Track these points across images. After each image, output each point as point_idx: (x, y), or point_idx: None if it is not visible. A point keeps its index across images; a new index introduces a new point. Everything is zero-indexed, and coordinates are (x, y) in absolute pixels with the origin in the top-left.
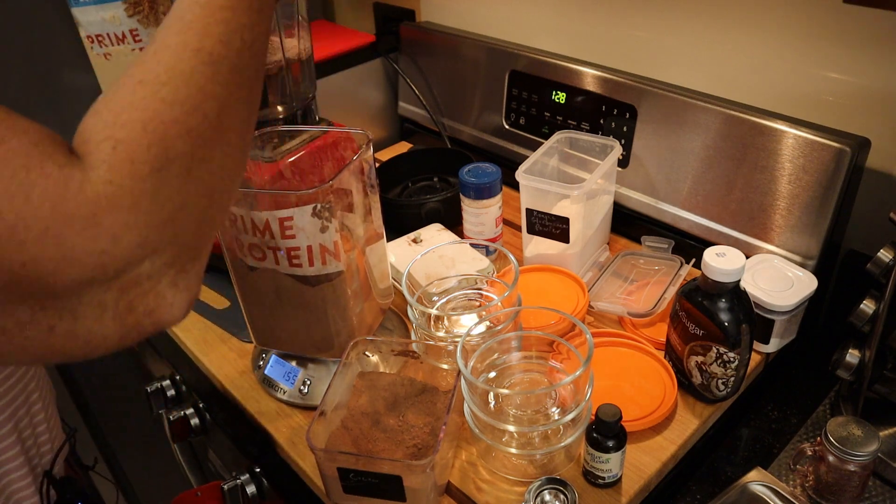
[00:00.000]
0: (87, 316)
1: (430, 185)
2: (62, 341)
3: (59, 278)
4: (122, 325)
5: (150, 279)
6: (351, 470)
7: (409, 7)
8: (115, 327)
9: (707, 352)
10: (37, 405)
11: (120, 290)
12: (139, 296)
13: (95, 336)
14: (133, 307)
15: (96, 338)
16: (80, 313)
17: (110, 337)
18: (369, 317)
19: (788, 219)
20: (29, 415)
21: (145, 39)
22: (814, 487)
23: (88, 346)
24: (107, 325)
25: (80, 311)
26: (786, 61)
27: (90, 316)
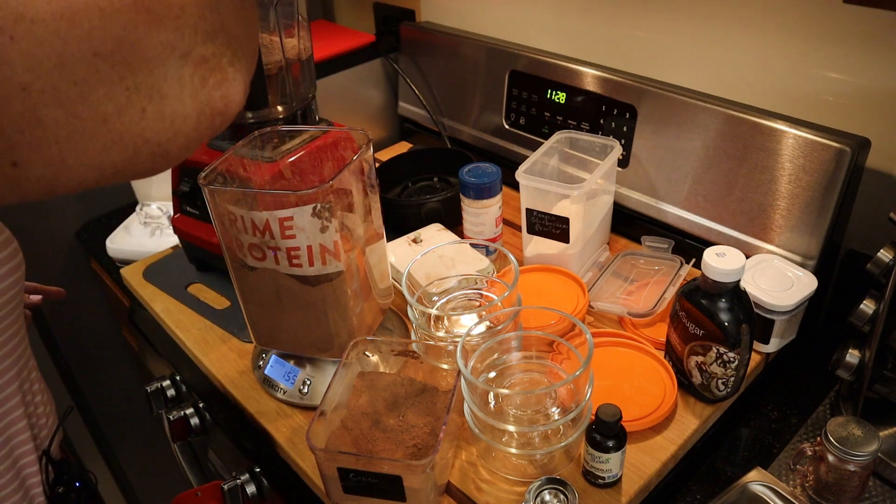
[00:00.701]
0: (170, 94)
1: (430, 185)
2: (152, 123)
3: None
4: (197, 102)
5: (214, 56)
6: (351, 470)
7: (409, 7)
8: (192, 104)
9: (707, 352)
10: (36, 384)
11: (194, 64)
12: (208, 69)
13: (178, 116)
14: (204, 80)
15: (178, 118)
16: (165, 91)
17: (189, 116)
18: (369, 317)
19: (788, 219)
20: (31, 389)
21: None
22: (814, 487)
23: (173, 126)
24: (186, 103)
25: (164, 89)
26: (786, 61)
27: (172, 94)
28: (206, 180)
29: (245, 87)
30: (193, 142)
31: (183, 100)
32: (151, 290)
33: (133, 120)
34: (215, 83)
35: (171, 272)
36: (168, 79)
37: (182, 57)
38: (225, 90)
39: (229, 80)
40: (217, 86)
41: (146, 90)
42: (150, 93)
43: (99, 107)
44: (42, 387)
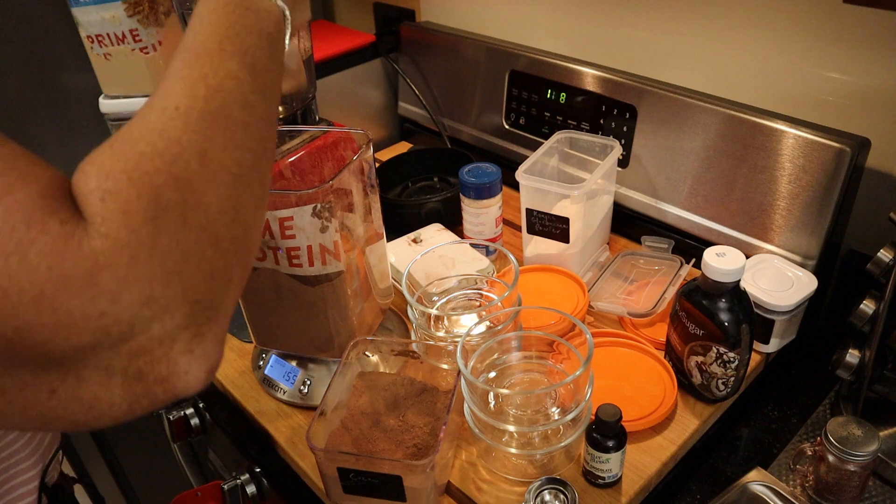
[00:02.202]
0: (92, 380)
1: (430, 185)
2: (65, 405)
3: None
4: (130, 392)
5: (161, 344)
6: (351, 470)
7: (409, 7)
8: (123, 394)
9: (707, 352)
10: None
11: (129, 356)
12: (149, 363)
13: (101, 402)
14: (143, 374)
15: (102, 404)
16: (85, 377)
17: (117, 405)
18: (369, 317)
19: (788, 219)
20: None
21: (145, 39)
22: (814, 487)
23: (93, 411)
24: (114, 392)
25: (84, 374)
26: (786, 61)
27: (95, 381)
28: None
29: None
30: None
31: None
32: None
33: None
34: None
35: None
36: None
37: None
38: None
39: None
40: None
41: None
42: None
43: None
44: None
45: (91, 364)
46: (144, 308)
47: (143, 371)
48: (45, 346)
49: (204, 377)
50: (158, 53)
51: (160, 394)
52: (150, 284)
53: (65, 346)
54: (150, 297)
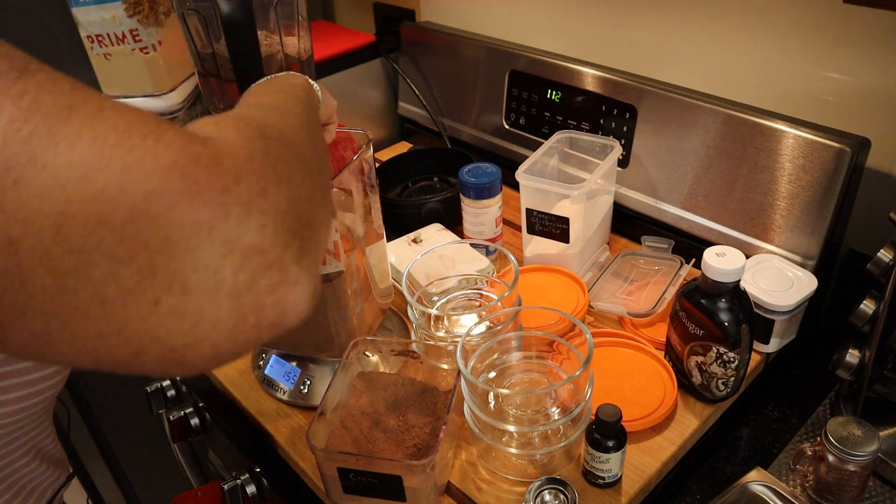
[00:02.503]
0: (200, 289)
1: (430, 185)
2: (166, 321)
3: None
4: (238, 306)
5: (274, 247)
6: (351, 470)
7: (409, 7)
8: (230, 308)
9: (707, 352)
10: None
11: (242, 256)
12: (262, 267)
13: (206, 318)
14: (254, 281)
15: (206, 321)
16: (192, 284)
17: (223, 322)
18: (369, 317)
19: (788, 219)
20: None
21: (145, 39)
22: (814, 487)
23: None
24: (220, 305)
25: (192, 281)
26: (786, 61)
27: (203, 289)
28: None
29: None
30: (225, 354)
31: (217, 300)
32: None
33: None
34: (269, 285)
35: None
36: (199, 269)
37: (224, 244)
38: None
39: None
40: (272, 289)
41: (164, 277)
42: (169, 282)
43: (98, 286)
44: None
45: (201, 264)
46: (260, 198)
47: (255, 276)
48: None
49: (311, 296)
50: (158, 53)
51: (269, 308)
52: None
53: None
54: (265, 190)
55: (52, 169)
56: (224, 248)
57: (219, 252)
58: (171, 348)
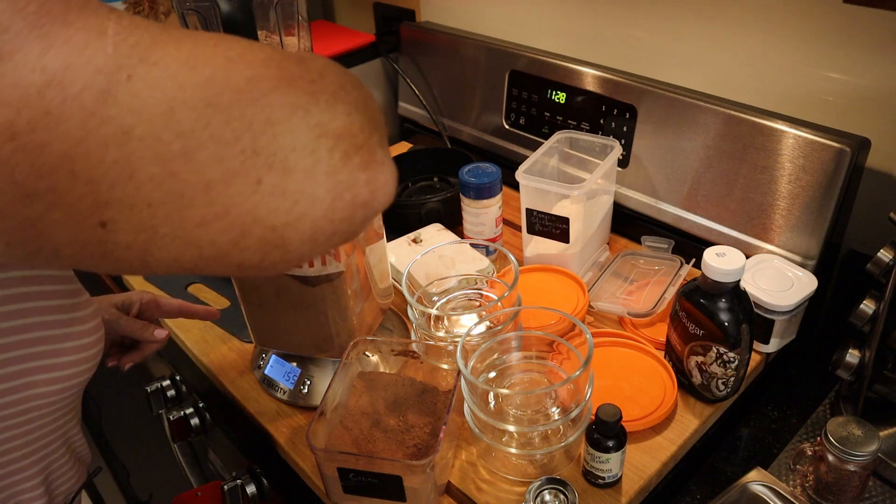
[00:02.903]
0: (299, 167)
1: (430, 185)
2: (268, 200)
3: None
4: (335, 182)
5: (362, 131)
6: (351, 470)
7: (409, 7)
8: (327, 184)
9: (707, 352)
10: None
11: (335, 137)
12: (353, 146)
13: (305, 195)
14: (348, 158)
15: (306, 198)
16: (292, 163)
17: (321, 199)
18: (369, 317)
19: (788, 219)
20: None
21: None
22: (814, 487)
23: (295, 210)
24: (318, 181)
25: (291, 159)
26: (786, 61)
27: (302, 167)
28: None
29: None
30: (322, 235)
31: (315, 177)
32: (151, 289)
33: (244, 192)
34: (361, 163)
35: None
36: (297, 148)
37: (317, 126)
38: (373, 174)
39: (378, 163)
40: (364, 166)
41: (266, 157)
42: (270, 161)
43: (204, 169)
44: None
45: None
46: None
47: (349, 154)
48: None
49: (395, 178)
50: None
51: (362, 186)
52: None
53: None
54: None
55: (163, 64)
56: (318, 130)
57: (314, 133)
58: (272, 228)
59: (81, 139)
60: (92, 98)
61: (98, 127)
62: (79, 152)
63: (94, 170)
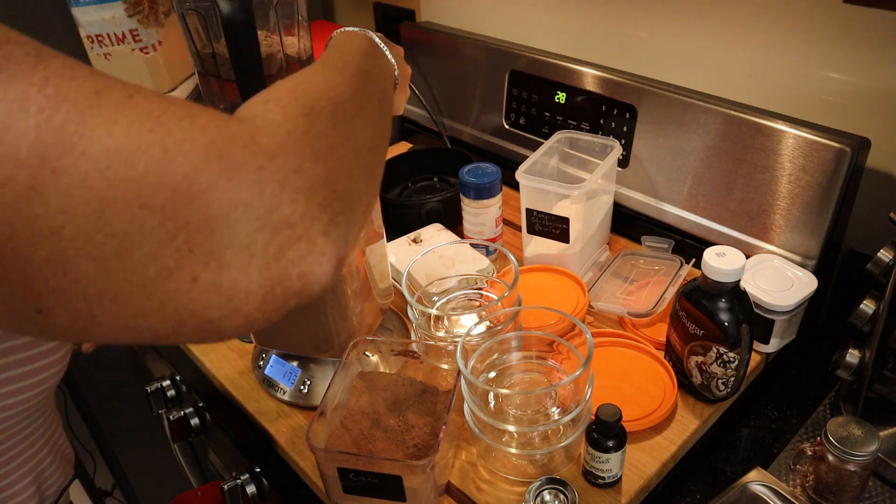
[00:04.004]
0: (234, 264)
1: (430, 185)
2: (203, 297)
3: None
4: (268, 278)
5: (303, 220)
6: (351, 470)
7: (409, 7)
8: (260, 280)
9: (707, 352)
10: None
11: (273, 230)
12: (290, 239)
13: (239, 291)
14: (282, 252)
15: (239, 294)
16: (227, 260)
17: (253, 294)
18: (369, 317)
19: (788, 219)
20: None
21: (145, 39)
22: (814, 487)
23: (229, 304)
24: (252, 278)
25: (226, 256)
26: (786, 61)
27: (236, 264)
28: None
29: (338, 263)
30: (256, 322)
31: (249, 273)
32: None
33: (180, 289)
34: (296, 257)
35: None
36: (234, 245)
37: (258, 219)
38: (306, 267)
39: (316, 255)
40: (297, 261)
41: (202, 255)
42: (206, 259)
43: (139, 267)
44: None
45: (236, 241)
46: (294, 175)
47: (283, 248)
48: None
49: (334, 266)
50: (158, 53)
51: (295, 279)
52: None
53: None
54: (301, 167)
55: (91, 156)
56: (258, 223)
57: (253, 227)
58: (208, 320)
59: (9, 237)
60: (15, 196)
61: (25, 226)
62: (6, 250)
63: (25, 267)
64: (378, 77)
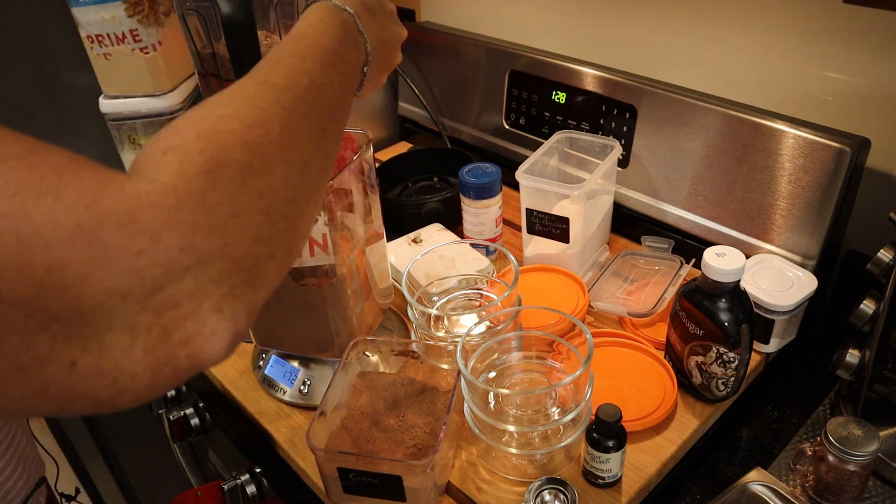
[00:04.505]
0: (115, 346)
1: (430, 185)
2: (86, 380)
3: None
4: (154, 359)
5: (191, 299)
6: (351, 470)
7: (409, 7)
8: (145, 361)
9: (707, 352)
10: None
11: (155, 312)
12: (176, 319)
13: (124, 373)
14: (168, 333)
15: (125, 376)
16: (107, 343)
17: (140, 375)
18: (369, 317)
19: (788, 219)
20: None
21: (145, 39)
22: (814, 487)
23: (115, 385)
24: (136, 359)
25: (106, 340)
26: (786, 61)
27: (118, 346)
28: None
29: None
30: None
31: (132, 355)
32: None
33: (59, 373)
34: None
35: None
36: (113, 328)
37: (137, 304)
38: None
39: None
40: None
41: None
42: (84, 343)
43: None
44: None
45: (116, 324)
46: (182, 254)
47: (169, 329)
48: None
49: (229, 343)
50: (158, 53)
51: (183, 360)
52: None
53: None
54: (191, 244)
55: None
56: (139, 307)
57: (134, 310)
58: (95, 399)
59: None
60: None
61: None
62: None
63: None
64: (336, 88)
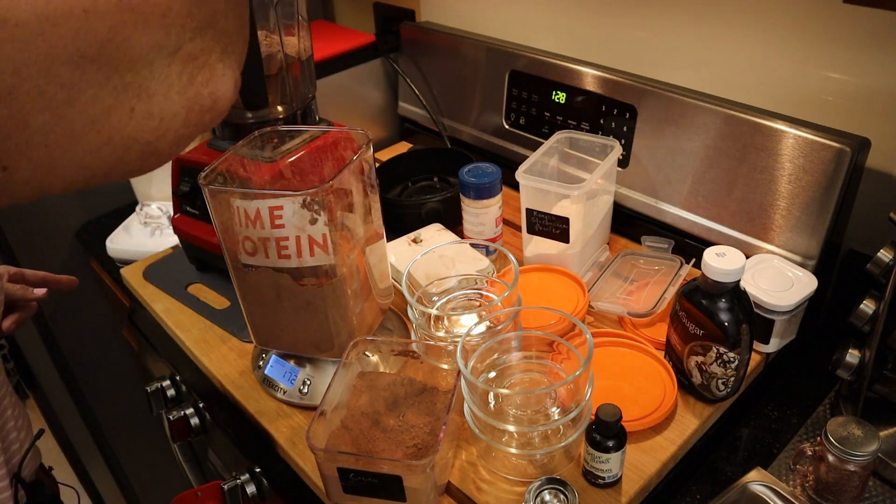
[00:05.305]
0: (158, 92)
1: (430, 185)
2: (142, 122)
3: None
4: (186, 99)
5: (203, 52)
6: (351, 470)
7: (409, 7)
8: (181, 101)
9: (707, 352)
10: (8, 407)
11: (182, 62)
12: (197, 67)
13: (167, 113)
14: (193, 77)
15: (167, 115)
16: (153, 90)
17: (178, 114)
18: (369, 317)
19: (788, 219)
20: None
21: None
22: (814, 487)
23: (163, 125)
24: (174, 100)
25: (152, 87)
26: (786, 61)
27: (160, 92)
28: (207, 180)
29: (235, 83)
30: (183, 138)
31: (171, 97)
32: (151, 290)
33: (122, 120)
34: (203, 80)
35: (171, 272)
36: (155, 77)
37: (169, 55)
38: (214, 87)
39: (218, 77)
40: (205, 83)
41: (134, 90)
42: (137, 92)
43: (87, 109)
44: (15, 409)
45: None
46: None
47: (193, 74)
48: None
49: (234, 83)
50: None
51: (206, 97)
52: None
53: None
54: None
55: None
56: (169, 59)
57: (166, 62)
58: (147, 143)
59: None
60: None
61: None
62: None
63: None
64: None
